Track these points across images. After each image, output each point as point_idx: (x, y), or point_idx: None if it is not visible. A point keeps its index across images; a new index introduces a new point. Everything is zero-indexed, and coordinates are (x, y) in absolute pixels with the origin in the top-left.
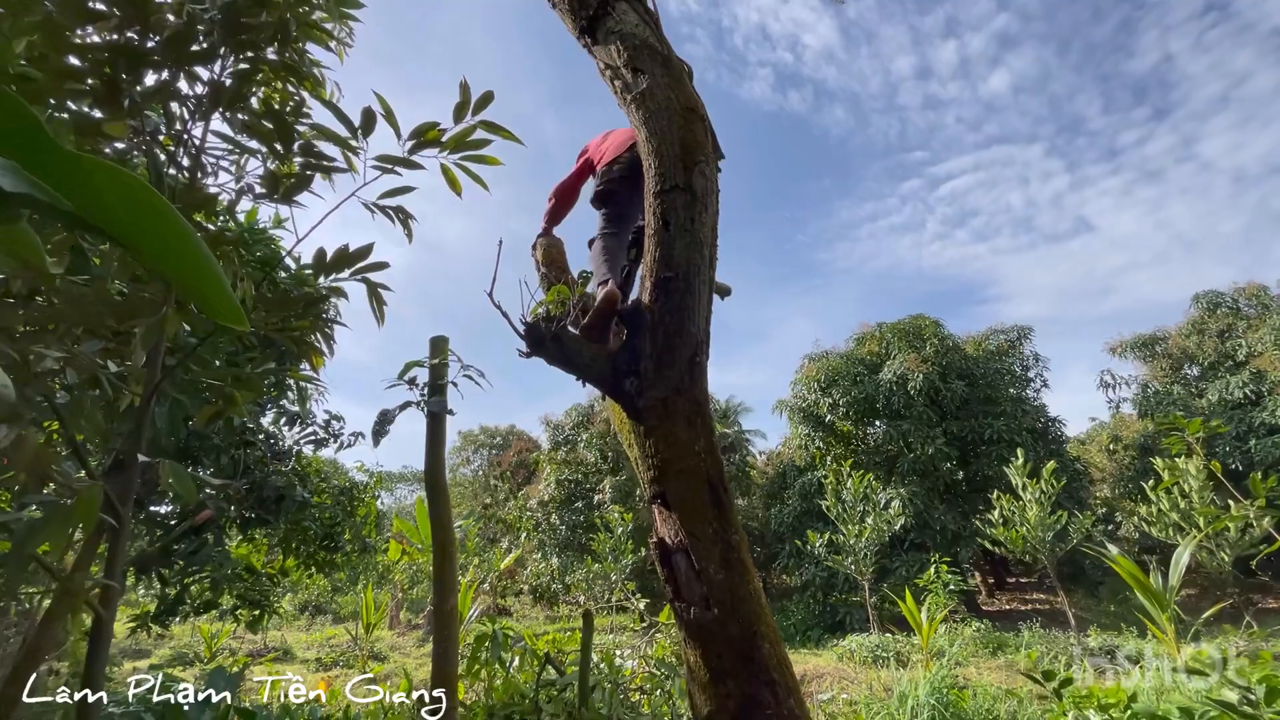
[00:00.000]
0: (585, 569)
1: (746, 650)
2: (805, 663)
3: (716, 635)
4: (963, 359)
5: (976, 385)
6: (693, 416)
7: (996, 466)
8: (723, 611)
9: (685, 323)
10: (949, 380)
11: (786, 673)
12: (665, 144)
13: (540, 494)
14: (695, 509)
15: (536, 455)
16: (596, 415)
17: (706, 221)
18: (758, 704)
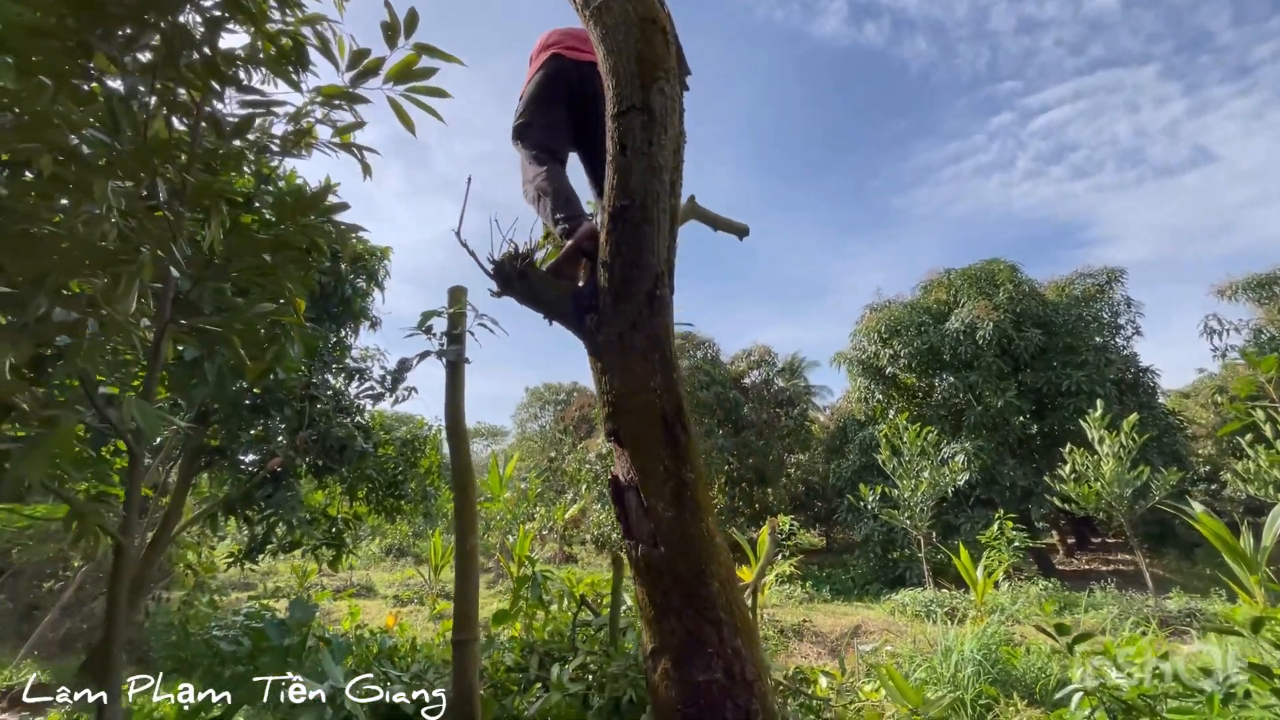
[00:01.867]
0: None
1: (693, 588)
2: (856, 615)
3: (663, 572)
4: (1040, 306)
5: (1055, 334)
6: (649, 351)
7: (1076, 420)
8: (670, 549)
9: (642, 254)
10: (1024, 328)
11: (737, 612)
12: (622, 61)
13: (599, 447)
14: (647, 446)
15: (596, 410)
16: None
17: (666, 144)
18: (700, 641)
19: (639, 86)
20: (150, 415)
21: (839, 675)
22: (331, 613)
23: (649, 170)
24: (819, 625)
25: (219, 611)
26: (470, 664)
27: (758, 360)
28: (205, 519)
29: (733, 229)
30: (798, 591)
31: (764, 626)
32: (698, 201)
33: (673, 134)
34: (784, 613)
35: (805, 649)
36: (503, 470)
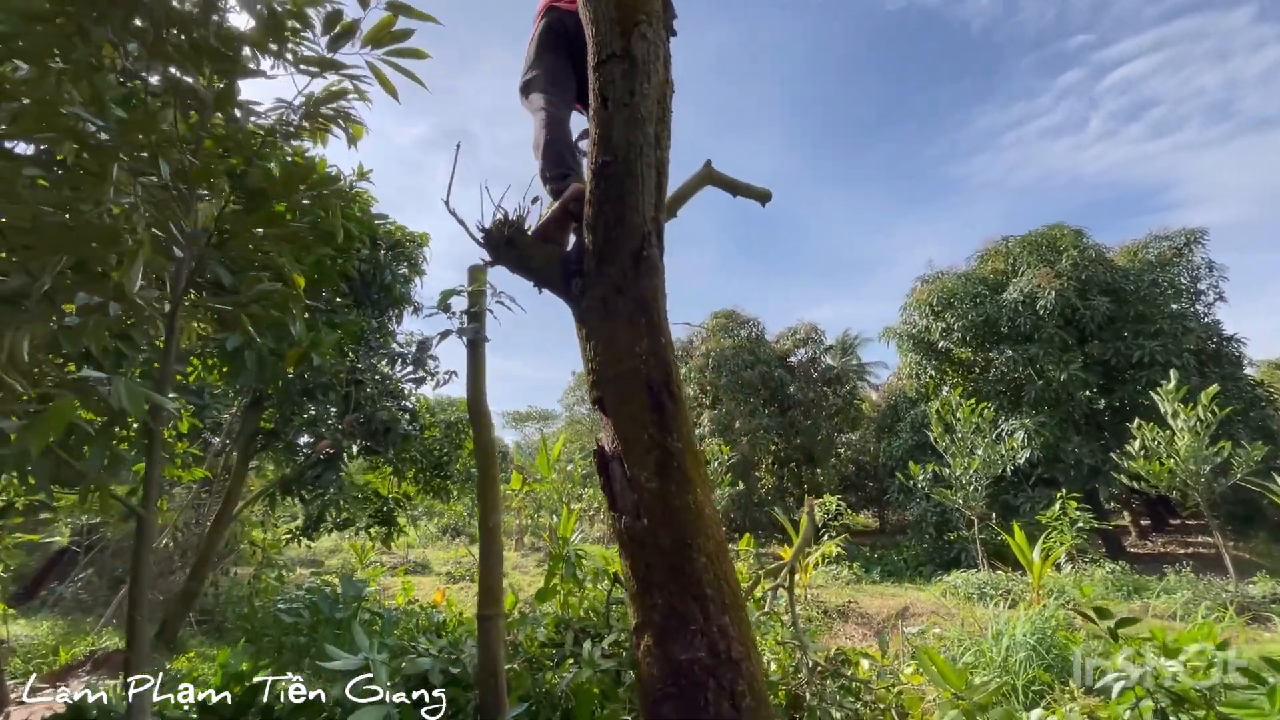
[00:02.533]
0: None
1: (677, 562)
2: (906, 597)
3: (646, 545)
4: (1109, 272)
5: (1126, 301)
6: (635, 316)
7: (1148, 393)
8: (653, 521)
9: (626, 211)
10: (1089, 297)
11: (724, 589)
12: (601, 6)
13: None
14: (632, 415)
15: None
16: (694, 350)
17: (650, 93)
18: (683, 618)
19: (619, 33)
20: (134, 394)
21: (882, 658)
22: (389, 588)
23: (631, 122)
24: (865, 607)
25: (285, 586)
26: (495, 639)
27: (804, 338)
28: (264, 498)
29: (753, 194)
30: (845, 572)
31: (808, 607)
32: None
33: (656, 82)
34: (829, 593)
35: (850, 630)
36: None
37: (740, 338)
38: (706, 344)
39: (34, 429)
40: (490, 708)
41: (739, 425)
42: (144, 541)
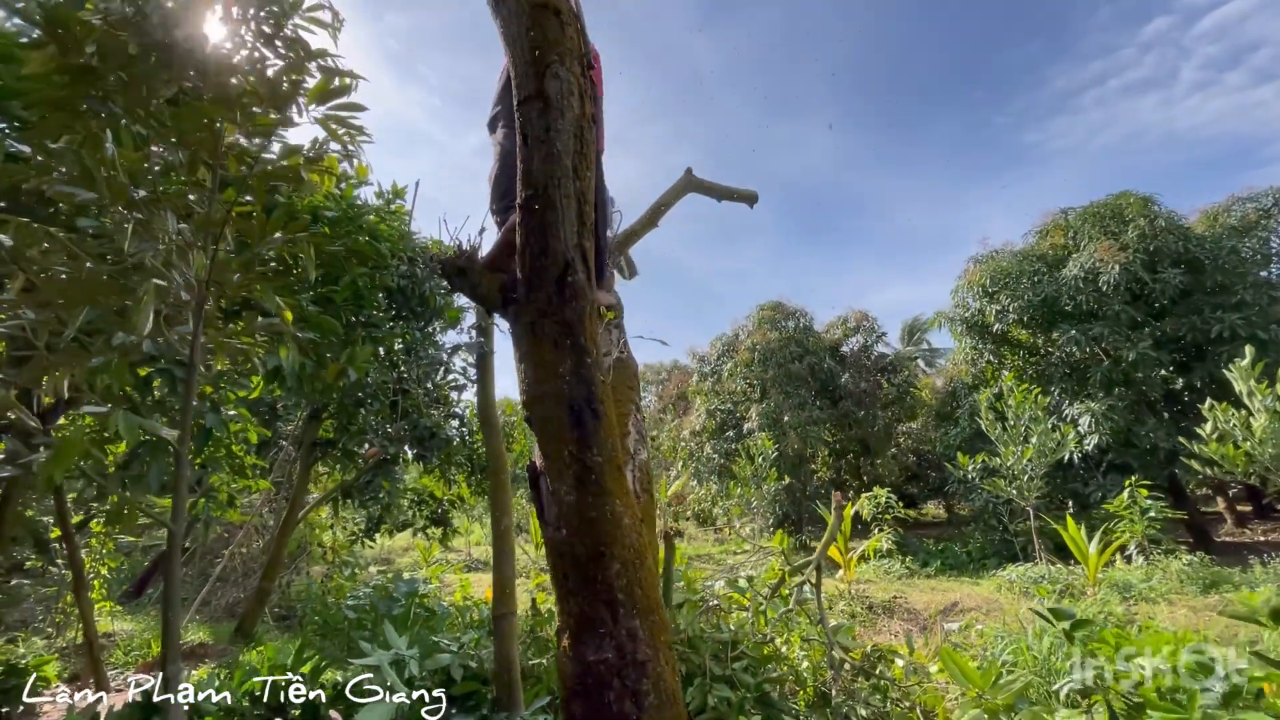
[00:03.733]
0: (728, 495)
1: (589, 570)
2: (959, 591)
3: (564, 555)
4: (1182, 241)
5: (1202, 272)
6: (560, 339)
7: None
8: (570, 531)
9: (549, 241)
10: (1159, 269)
11: (637, 594)
12: (517, 49)
13: (691, 424)
14: (553, 432)
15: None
16: (740, 344)
17: (565, 128)
18: (592, 622)
19: (533, 74)
20: (129, 425)
21: (911, 654)
22: (450, 585)
23: (548, 158)
24: (913, 602)
25: (356, 584)
26: (509, 637)
27: (855, 326)
28: (327, 503)
29: (738, 197)
30: (897, 566)
31: (852, 602)
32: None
33: (572, 117)
34: (878, 588)
35: (895, 626)
36: None
37: (787, 329)
38: (752, 337)
39: (54, 460)
40: (505, 701)
41: (788, 419)
42: (173, 550)
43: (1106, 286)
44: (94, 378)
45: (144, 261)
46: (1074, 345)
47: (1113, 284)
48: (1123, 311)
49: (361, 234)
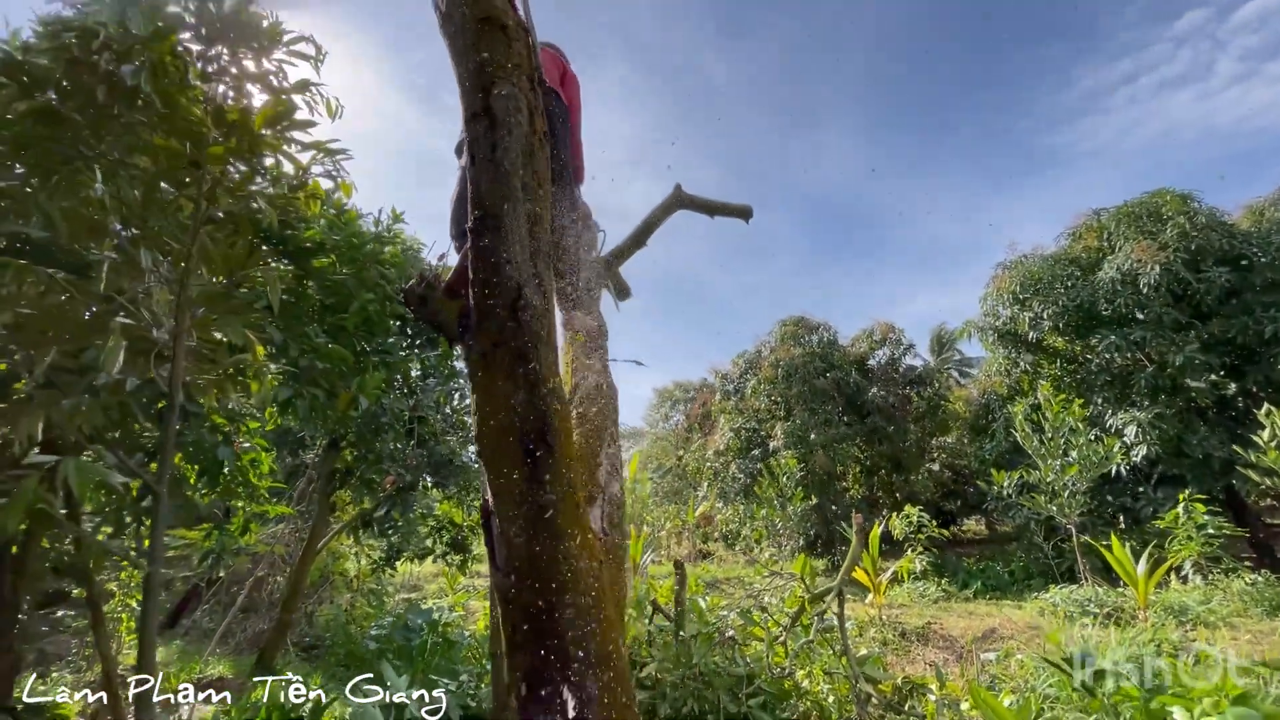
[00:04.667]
0: (754, 516)
1: (540, 620)
2: (1000, 615)
3: (513, 603)
4: (1226, 238)
5: (1250, 270)
6: (513, 368)
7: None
8: (519, 578)
9: (500, 266)
10: (1202, 268)
11: (593, 645)
12: (462, 66)
13: (716, 444)
14: (502, 468)
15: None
16: (764, 360)
17: (512, 146)
18: (542, 678)
19: (480, 93)
20: (84, 473)
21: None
22: (475, 613)
23: (496, 178)
24: (950, 627)
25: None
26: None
27: (881, 339)
28: (347, 532)
29: (732, 212)
30: (932, 589)
31: (884, 629)
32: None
33: (520, 134)
34: (912, 613)
35: (930, 654)
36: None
37: (810, 344)
38: (775, 353)
39: (8, 510)
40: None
41: (814, 436)
42: (150, 593)
43: (1146, 288)
44: (70, 420)
45: (115, 299)
46: (1114, 351)
47: (1153, 285)
48: (1165, 314)
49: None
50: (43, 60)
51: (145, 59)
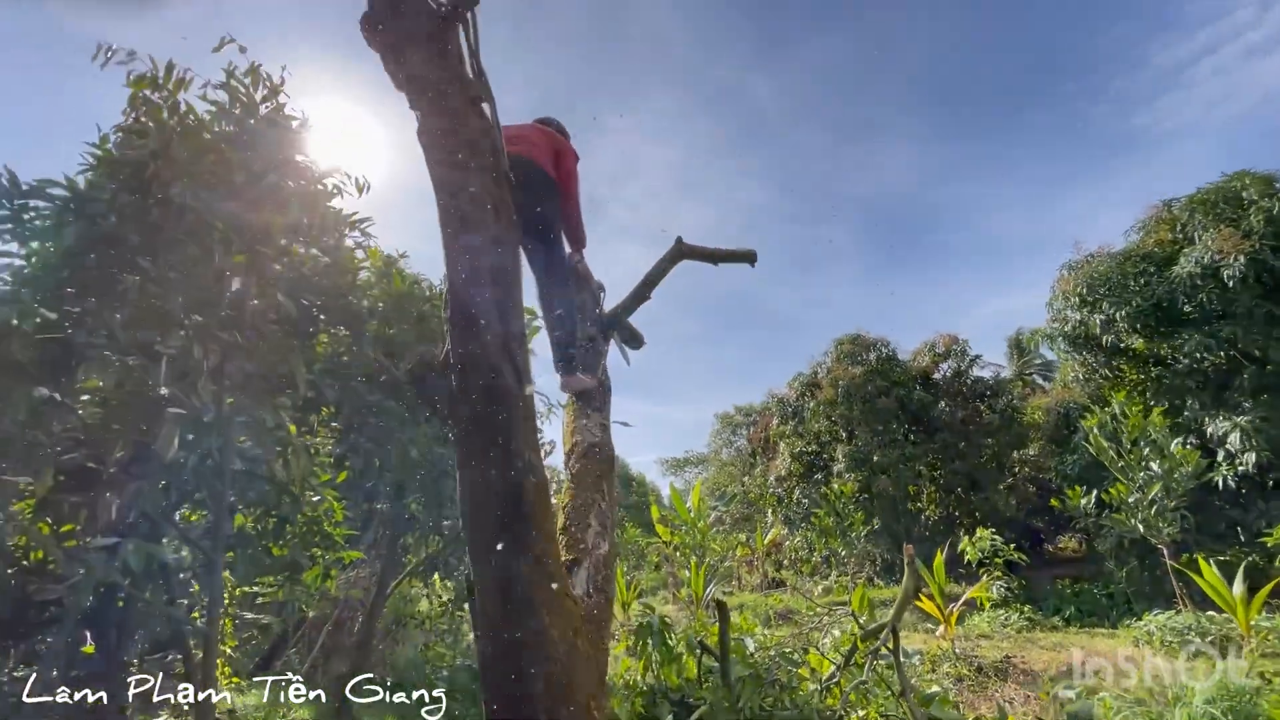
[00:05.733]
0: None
1: (512, 690)
2: (1092, 645)
3: (488, 671)
4: None
5: None
6: (487, 447)
7: None
8: (493, 648)
9: (473, 352)
10: None
11: (563, 713)
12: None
13: (777, 469)
14: (482, 541)
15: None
16: (821, 381)
17: (481, 241)
18: None
19: (447, 193)
20: (140, 553)
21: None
22: None
23: (468, 272)
24: (1033, 660)
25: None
26: None
27: (944, 351)
28: (416, 575)
29: (736, 258)
30: (1014, 618)
31: (958, 664)
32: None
33: (487, 232)
34: (991, 645)
35: (1009, 692)
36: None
37: (869, 362)
38: (833, 373)
39: (80, 586)
40: None
41: (877, 458)
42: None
43: (1231, 281)
44: (140, 501)
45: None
46: (1203, 351)
47: (1238, 277)
48: (1257, 307)
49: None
50: (103, 196)
51: (189, 183)
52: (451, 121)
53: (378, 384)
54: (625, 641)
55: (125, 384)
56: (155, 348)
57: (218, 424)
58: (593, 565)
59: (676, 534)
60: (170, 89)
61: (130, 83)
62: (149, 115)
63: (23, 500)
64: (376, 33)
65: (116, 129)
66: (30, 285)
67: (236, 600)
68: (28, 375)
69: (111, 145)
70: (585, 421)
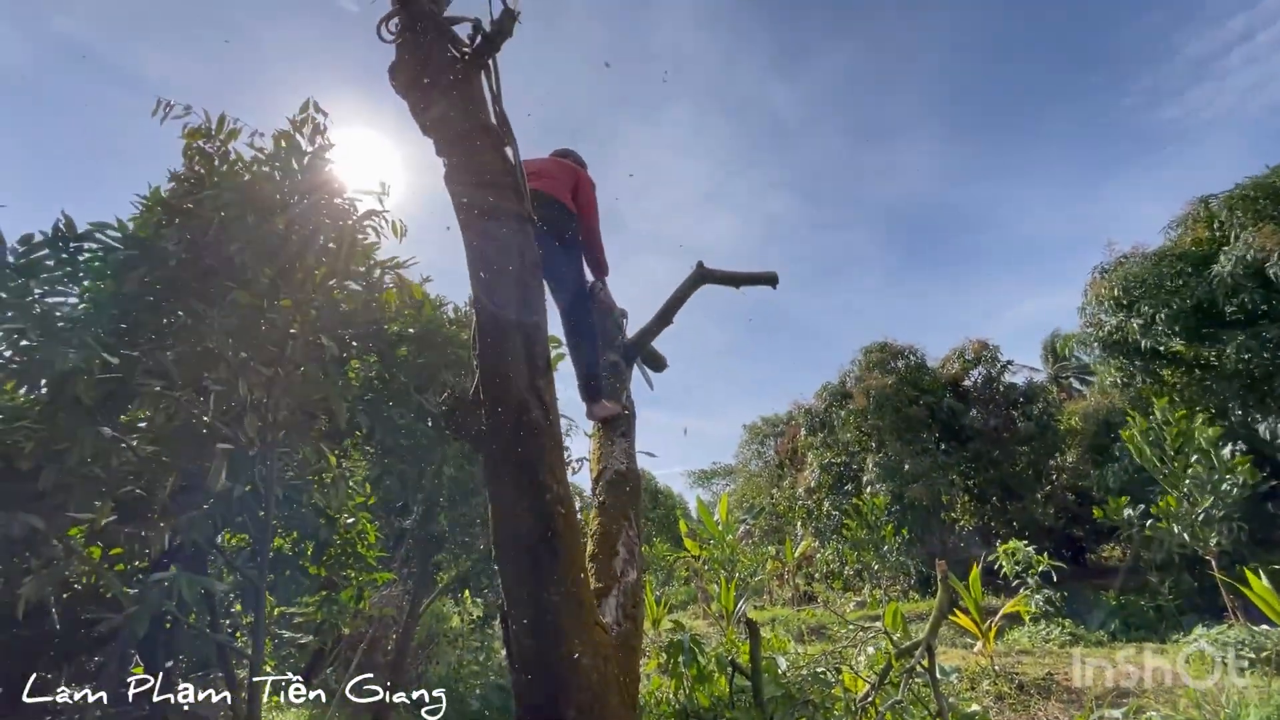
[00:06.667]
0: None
1: (544, 715)
2: (1140, 660)
3: (522, 698)
4: None
5: None
6: (518, 478)
7: None
8: (526, 676)
9: (502, 388)
10: None
11: None
12: (460, 212)
13: (806, 481)
14: (514, 572)
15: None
16: (849, 390)
17: (505, 284)
18: None
19: (473, 235)
20: (190, 584)
21: None
22: None
23: (493, 310)
24: (1077, 677)
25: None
26: None
27: (974, 358)
28: (448, 592)
29: (759, 280)
30: (1056, 632)
31: (999, 681)
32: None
33: (512, 272)
34: (1033, 661)
35: (1052, 710)
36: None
37: (898, 370)
38: (865, 382)
39: (137, 616)
40: None
41: (908, 467)
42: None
43: (1276, 279)
44: (189, 530)
45: (215, 425)
46: (1248, 353)
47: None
48: None
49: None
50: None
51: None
52: (478, 170)
53: (408, 407)
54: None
55: (175, 419)
56: (204, 384)
57: (262, 456)
58: (621, 593)
59: (705, 548)
60: (222, 139)
61: (185, 134)
62: (202, 164)
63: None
64: (405, 82)
65: (171, 177)
66: (87, 326)
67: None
68: (91, 415)
69: (165, 192)
70: (611, 448)
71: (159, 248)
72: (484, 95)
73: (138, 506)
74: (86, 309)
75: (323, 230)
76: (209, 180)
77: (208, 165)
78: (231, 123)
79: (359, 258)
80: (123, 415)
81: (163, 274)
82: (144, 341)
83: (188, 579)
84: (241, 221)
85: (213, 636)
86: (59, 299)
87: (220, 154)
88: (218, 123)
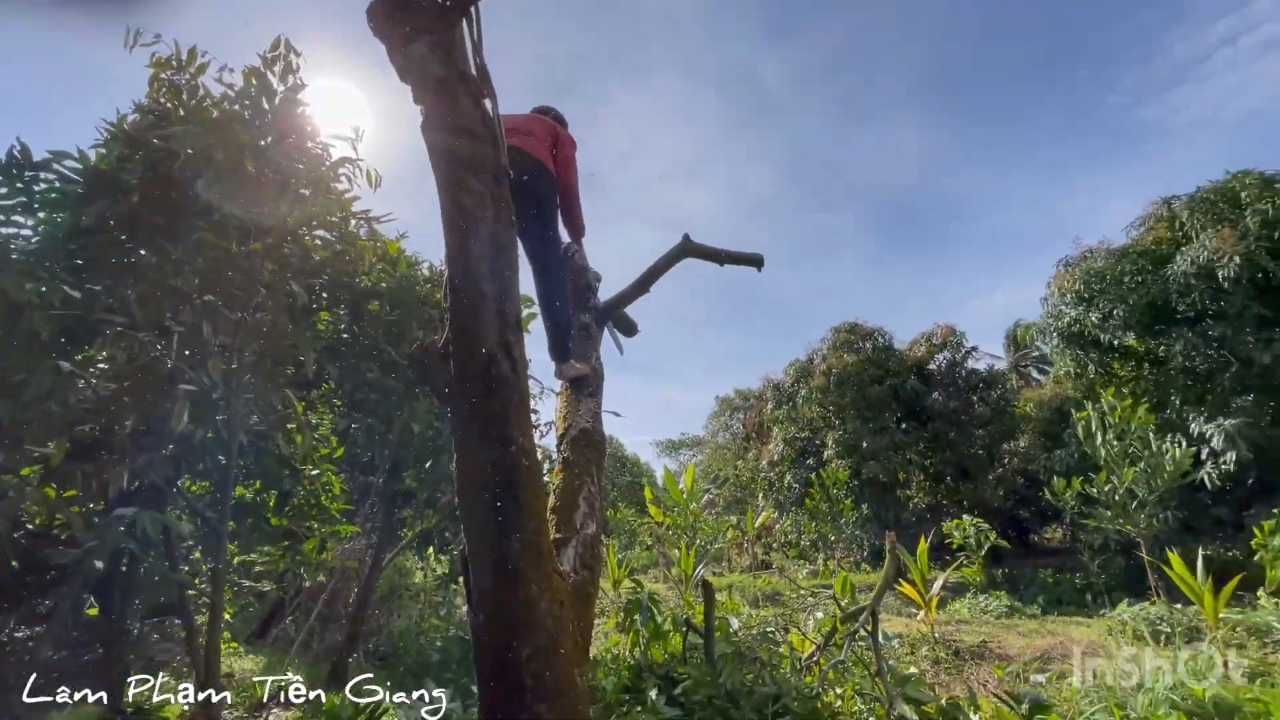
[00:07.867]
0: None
1: (502, 656)
2: (1065, 633)
3: (480, 641)
4: None
5: None
6: (485, 431)
7: None
8: (485, 618)
9: (471, 341)
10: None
11: (548, 677)
12: (437, 167)
13: (770, 453)
14: (476, 522)
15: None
16: (815, 368)
17: (480, 237)
18: (500, 708)
19: (449, 189)
20: (153, 522)
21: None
22: None
23: (466, 265)
24: (1009, 646)
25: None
26: None
27: (940, 342)
28: (411, 548)
29: (742, 260)
30: (994, 604)
31: (937, 647)
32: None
33: (486, 226)
34: (970, 630)
35: (984, 675)
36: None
37: (865, 351)
38: (827, 361)
39: (97, 550)
40: None
41: (866, 444)
42: (214, 607)
43: (1225, 281)
44: (148, 471)
45: (179, 367)
46: (1192, 351)
47: (1232, 278)
48: (1248, 308)
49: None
50: (132, 179)
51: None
52: (455, 118)
53: (378, 362)
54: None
55: (137, 358)
56: (167, 324)
57: (226, 400)
58: (580, 544)
59: (669, 515)
60: (191, 73)
61: (152, 63)
62: (169, 97)
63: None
64: (383, 24)
65: (136, 108)
66: (43, 259)
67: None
68: (47, 349)
69: (128, 124)
70: (578, 407)
71: (121, 180)
72: (465, 44)
73: (96, 446)
74: (42, 241)
75: (294, 175)
76: (176, 115)
77: (175, 99)
78: (201, 56)
79: (333, 206)
80: (80, 354)
81: (125, 209)
82: (104, 278)
83: (151, 515)
84: (210, 160)
85: (173, 577)
86: (12, 230)
87: (189, 87)
88: (188, 55)
